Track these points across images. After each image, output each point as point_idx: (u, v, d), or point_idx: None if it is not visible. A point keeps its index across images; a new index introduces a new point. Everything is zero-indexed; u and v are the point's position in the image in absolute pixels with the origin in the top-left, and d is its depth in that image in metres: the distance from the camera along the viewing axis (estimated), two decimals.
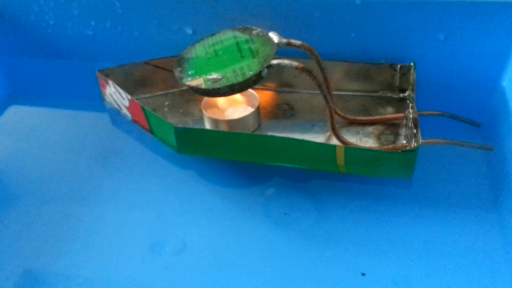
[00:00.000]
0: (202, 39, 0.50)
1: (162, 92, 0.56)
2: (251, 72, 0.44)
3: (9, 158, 0.51)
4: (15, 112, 0.58)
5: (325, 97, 0.45)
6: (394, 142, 0.48)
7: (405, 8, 0.51)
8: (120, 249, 0.42)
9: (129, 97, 0.50)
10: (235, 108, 0.51)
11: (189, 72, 0.46)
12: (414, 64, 0.51)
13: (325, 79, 0.48)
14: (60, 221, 0.44)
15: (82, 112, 0.56)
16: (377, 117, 0.50)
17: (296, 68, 0.44)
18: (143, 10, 0.56)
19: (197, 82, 0.45)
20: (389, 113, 0.51)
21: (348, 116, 0.50)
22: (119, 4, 0.56)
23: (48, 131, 0.54)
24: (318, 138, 0.49)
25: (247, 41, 0.47)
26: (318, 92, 0.45)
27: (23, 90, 0.61)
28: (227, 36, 0.49)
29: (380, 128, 0.50)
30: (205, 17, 0.55)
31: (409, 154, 0.42)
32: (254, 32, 0.48)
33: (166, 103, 0.55)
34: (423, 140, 0.43)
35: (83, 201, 0.46)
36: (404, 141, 0.48)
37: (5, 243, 0.43)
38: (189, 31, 0.56)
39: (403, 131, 0.49)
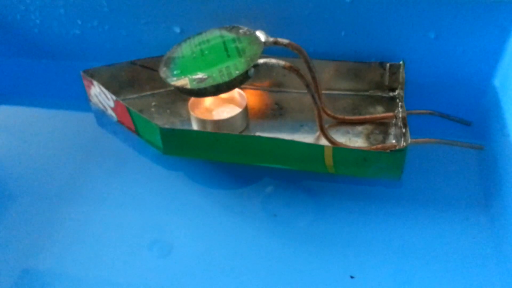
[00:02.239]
0: (189, 38, 0.49)
1: (149, 93, 0.55)
2: (237, 72, 0.43)
3: None
4: (0, 112, 0.57)
5: (312, 96, 0.44)
6: (383, 141, 0.47)
7: (395, 6, 0.50)
8: (106, 250, 0.41)
9: (114, 97, 0.49)
10: (223, 108, 0.50)
11: (175, 72, 0.46)
12: (404, 62, 0.50)
13: (314, 78, 0.47)
14: (45, 221, 0.44)
15: (68, 113, 0.55)
16: (367, 116, 0.49)
17: (284, 67, 0.43)
18: (131, 9, 0.55)
19: (183, 82, 0.44)
20: (379, 112, 0.50)
21: (337, 115, 0.50)
22: (106, 3, 0.55)
23: (33, 131, 0.53)
24: (307, 138, 0.48)
25: (233, 40, 0.47)
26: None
27: (9, 90, 0.60)
28: (214, 35, 0.48)
29: (369, 127, 0.49)
30: (193, 16, 0.54)
31: (398, 154, 0.41)
32: (241, 31, 0.48)
33: (153, 103, 0.54)
34: (412, 140, 0.42)
35: (69, 201, 0.45)
36: (394, 141, 0.47)
37: None
38: (177, 30, 0.56)
39: (392, 130, 0.48)
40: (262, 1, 0.52)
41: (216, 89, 0.44)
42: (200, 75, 0.44)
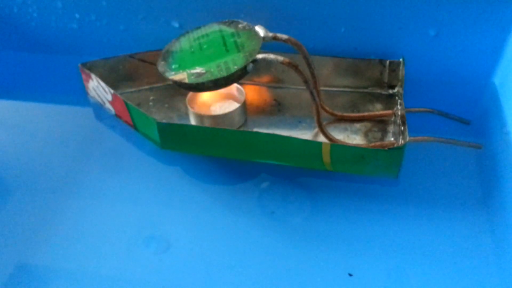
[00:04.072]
0: (188, 32, 0.49)
1: (147, 87, 0.55)
2: (235, 67, 0.43)
3: None
4: None
5: (311, 92, 0.44)
6: (382, 139, 0.47)
7: (396, 3, 0.50)
8: (103, 245, 0.41)
9: (112, 91, 0.49)
10: (221, 103, 0.50)
11: (173, 66, 0.45)
12: (403, 59, 0.50)
13: (312, 74, 0.47)
14: (42, 216, 0.43)
15: (67, 106, 0.55)
16: (365, 113, 0.49)
17: (282, 63, 0.43)
18: (129, 2, 0.55)
19: (181, 76, 0.44)
20: (377, 109, 0.50)
21: (336, 112, 0.49)
22: None
23: (30, 125, 0.53)
24: (305, 134, 0.48)
25: (232, 35, 0.46)
26: None
27: (6, 84, 0.59)
28: (213, 30, 0.48)
29: (368, 125, 0.49)
30: (192, 10, 0.54)
31: (396, 152, 0.41)
32: (240, 25, 0.47)
33: (151, 97, 0.54)
34: (411, 138, 0.42)
35: (66, 196, 0.45)
36: (392, 138, 0.47)
37: None
38: (176, 25, 0.55)
39: (391, 128, 0.48)
40: None
41: (214, 84, 0.43)
42: (198, 69, 0.44)
